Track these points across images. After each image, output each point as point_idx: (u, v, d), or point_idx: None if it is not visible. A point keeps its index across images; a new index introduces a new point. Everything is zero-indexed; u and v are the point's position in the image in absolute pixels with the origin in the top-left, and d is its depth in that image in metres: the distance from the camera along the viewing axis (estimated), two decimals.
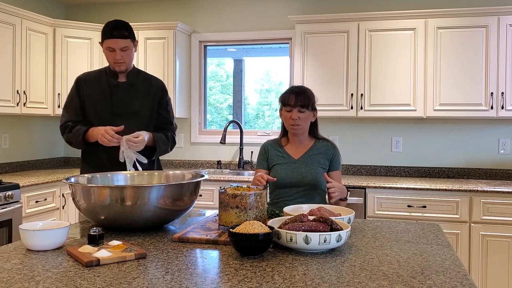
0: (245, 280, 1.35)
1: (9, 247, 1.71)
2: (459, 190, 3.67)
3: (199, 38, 4.93)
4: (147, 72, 2.92)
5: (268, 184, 2.53)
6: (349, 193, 2.35)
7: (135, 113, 2.68)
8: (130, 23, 2.68)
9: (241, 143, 4.77)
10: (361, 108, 4.16)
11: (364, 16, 4.17)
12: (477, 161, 4.30)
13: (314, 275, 1.41)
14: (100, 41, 2.67)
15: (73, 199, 2.00)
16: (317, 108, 4.47)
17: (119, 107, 2.66)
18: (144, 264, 1.51)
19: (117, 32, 2.59)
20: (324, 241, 1.60)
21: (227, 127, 4.66)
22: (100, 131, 2.51)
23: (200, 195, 2.20)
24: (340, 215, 1.99)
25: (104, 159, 2.63)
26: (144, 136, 2.53)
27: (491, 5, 4.13)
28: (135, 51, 2.73)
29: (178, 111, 4.66)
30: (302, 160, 2.50)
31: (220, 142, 4.61)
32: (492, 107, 3.90)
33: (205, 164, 4.90)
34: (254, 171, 2.63)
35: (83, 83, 2.72)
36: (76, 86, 2.73)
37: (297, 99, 2.43)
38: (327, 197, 2.39)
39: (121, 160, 2.48)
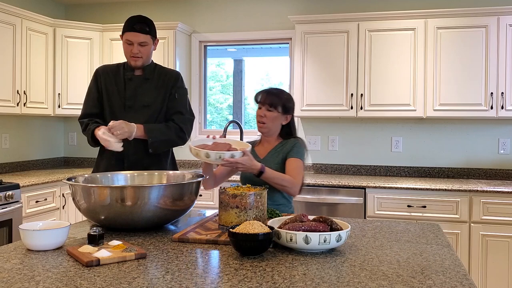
0: (245, 280, 1.36)
1: (9, 247, 1.71)
2: (459, 190, 3.67)
3: (199, 38, 4.93)
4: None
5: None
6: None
7: (147, 106, 2.65)
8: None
9: None
10: (361, 108, 4.16)
11: (364, 16, 4.17)
12: (477, 161, 4.30)
13: (314, 275, 1.41)
14: (121, 34, 2.66)
15: (73, 199, 2.00)
16: (317, 108, 4.47)
17: (131, 100, 2.66)
18: (144, 264, 1.51)
19: (139, 26, 2.59)
20: (324, 241, 1.60)
21: (227, 127, 4.65)
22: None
23: (200, 195, 2.20)
24: (236, 149, 2.16)
25: (104, 153, 2.68)
26: (122, 121, 2.47)
27: (491, 5, 4.13)
28: (154, 49, 2.71)
29: None
30: (265, 159, 2.48)
31: None
32: (492, 107, 3.90)
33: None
34: None
35: (101, 74, 2.73)
36: (94, 77, 2.75)
37: (267, 97, 2.44)
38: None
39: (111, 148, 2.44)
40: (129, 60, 2.65)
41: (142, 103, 2.66)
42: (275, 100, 2.43)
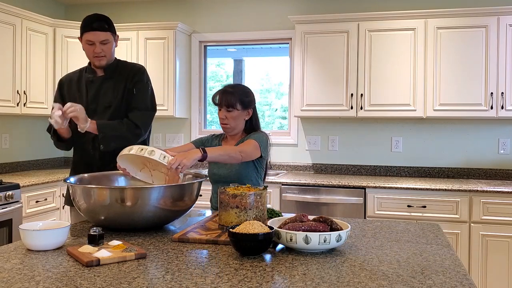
0: (245, 280, 1.36)
1: (9, 247, 1.71)
2: (459, 190, 3.67)
3: (199, 38, 4.93)
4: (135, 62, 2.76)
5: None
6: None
7: (109, 107, 2.56)
8: (130, 23, 2.64)
9: None
10: (361, 108, 4.16)
11: (364, 16, 4.17)
12: (477, 161, 4.30)
13: (314, 275, 1.41)
14: (79, 36, 2.59)
15: (73, 199, 2.00)
16: (317, 108, 4.46)
17: (94, 102, 2.57)
18: (144, 264, 1.51)
19: (97, 24, 2.52)
20: (324, 241, 1.60)
21: None
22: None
23: (200, 195, 2.20)
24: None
25: (77, 156, 2.63)
26: (82, 109, 2.35)
27: (491, 5, 4.13)
28: (116, 46, 2.62)
29: (178, 111, 4.67)
30: None
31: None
32: (492, 107, 3.90)
33: (205, 164, 4.90)
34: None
35: (64, 83, 2.67)
36: (58, 88, 2.68)
37: (223, 98, 2.42)
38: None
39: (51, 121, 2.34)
40: (93, 61, 2.57)
41: (104, 104, 2.57)
42: (232, 99, 2.41)
